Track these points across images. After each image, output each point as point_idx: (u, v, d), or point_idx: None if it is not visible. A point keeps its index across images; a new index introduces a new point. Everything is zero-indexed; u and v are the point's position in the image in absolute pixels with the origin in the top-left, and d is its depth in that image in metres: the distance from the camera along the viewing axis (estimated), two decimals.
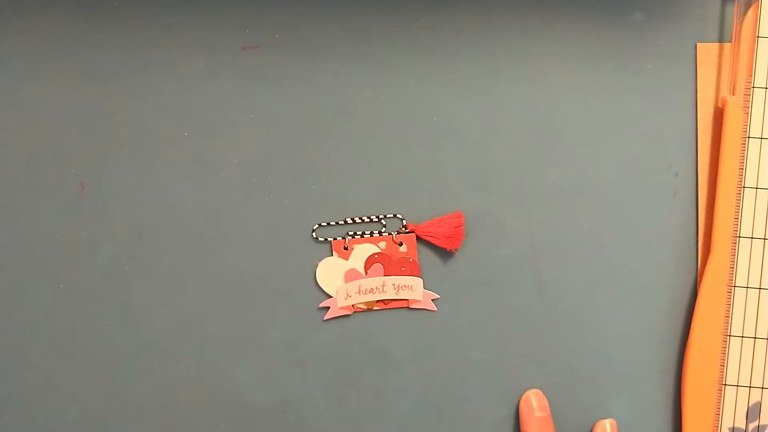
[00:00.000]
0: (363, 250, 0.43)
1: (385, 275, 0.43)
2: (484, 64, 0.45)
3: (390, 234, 0.43)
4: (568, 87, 0.45)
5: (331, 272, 0.43)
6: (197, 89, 0.44)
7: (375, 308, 0.44)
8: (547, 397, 0.44)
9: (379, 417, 0.45)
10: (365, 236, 0.43)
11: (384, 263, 0.43)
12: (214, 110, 0.44)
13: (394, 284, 0.43)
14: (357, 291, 0.43)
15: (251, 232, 0.44)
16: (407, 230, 0.43)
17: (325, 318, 0.43)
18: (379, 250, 0.43)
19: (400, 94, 0.44)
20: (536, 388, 0.44)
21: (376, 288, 0.43)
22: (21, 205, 0.44)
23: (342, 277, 0.43)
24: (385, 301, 0.43)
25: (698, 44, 0.44)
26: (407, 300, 0.43)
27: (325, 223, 0.44)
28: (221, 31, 0.44)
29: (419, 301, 0.43)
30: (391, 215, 0.44)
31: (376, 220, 0.43)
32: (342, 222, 0.44)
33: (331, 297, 0.43)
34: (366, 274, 0.43)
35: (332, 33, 0.45)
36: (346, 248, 0.43)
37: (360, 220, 0.44)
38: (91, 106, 0.44)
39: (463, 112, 0.44)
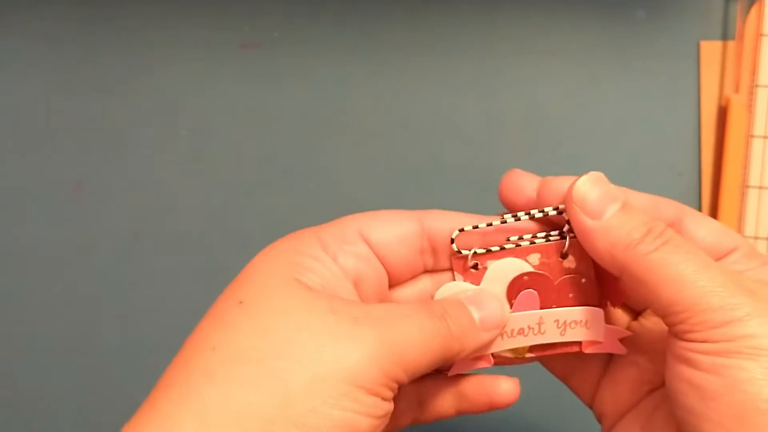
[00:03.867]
0: (503, 269, 0.28)
1: (542, 308, 0.28)
2: (486, 63, 0.44)
3: (548, 237, 0.28)
4: (570, 85, 0.44)
5: None
6: (196, 88, 0.44)
7: (527, 355, 0.29)
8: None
9: None
10: (506, 244, 0.29)
11: (539, 289, 0.28)
12: (212, 109, 0.44)
13: (557, 320, 0.28)
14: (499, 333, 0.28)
15: (249, 232, 0.44)
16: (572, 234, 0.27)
17: (449, 374, 0.29)
18: (531, 268, 0.28)
19: (400, 92, 0.44)
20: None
21: (529, 328, 0.28)
22: (18, 206, 0.44)
23: None
24: (543, 346, 0.29)
25: (702, 42, 0.44)
26: (579, 343, 0.28)
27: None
28: (220, 30, 0.44)
29: (600, 343, 0.28)
30: (552, 209, 0.28)
31: (525, 217, 0.28)
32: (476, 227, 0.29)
33: None
34: (511, 306, 0.28)
35: (332, 31, 0.44)
36: (475, 267, 0.29)
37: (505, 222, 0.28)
38: (88, 106, 0.44)
39: (464, 111, 0.44)
